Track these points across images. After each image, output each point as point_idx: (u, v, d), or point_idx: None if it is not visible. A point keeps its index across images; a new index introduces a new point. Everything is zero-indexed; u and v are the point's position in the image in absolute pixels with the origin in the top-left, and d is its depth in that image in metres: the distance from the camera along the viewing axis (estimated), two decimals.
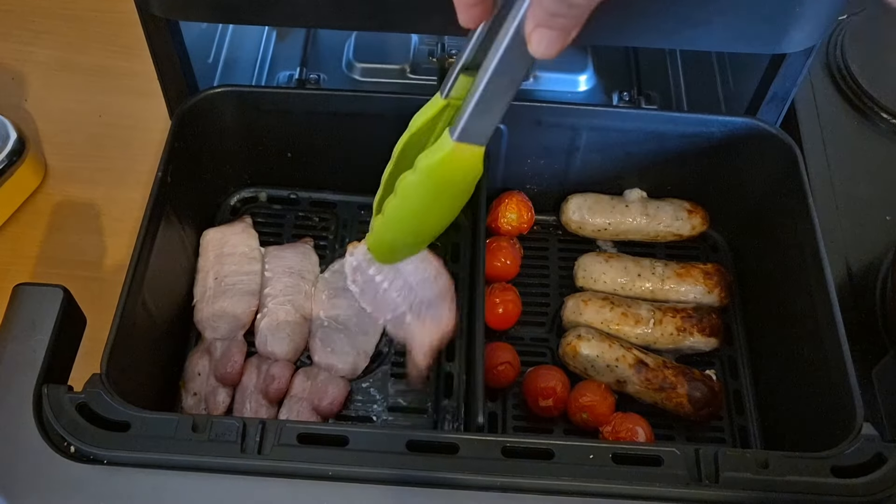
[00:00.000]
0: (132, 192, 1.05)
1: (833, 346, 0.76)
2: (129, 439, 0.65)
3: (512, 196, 1.01)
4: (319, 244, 1.02)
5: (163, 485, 0.64)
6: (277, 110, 0.95)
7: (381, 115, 0.95)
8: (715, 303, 0.95)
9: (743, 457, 0.66)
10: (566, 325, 0.94)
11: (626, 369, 0.88)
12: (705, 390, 0.88)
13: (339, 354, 0.91)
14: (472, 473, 0.65)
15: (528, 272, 1.00)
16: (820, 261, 0.81)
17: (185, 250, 0.95)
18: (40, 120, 1.13)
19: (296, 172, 1.03)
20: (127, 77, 1.18)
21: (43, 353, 0.69)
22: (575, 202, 1.01)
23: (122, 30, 1.23)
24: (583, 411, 0.87)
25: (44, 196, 1.06)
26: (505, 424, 0.90)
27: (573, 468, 0.65)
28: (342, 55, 1.15)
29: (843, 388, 0.73)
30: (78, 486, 0.64)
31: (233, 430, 0.65)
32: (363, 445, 0.66)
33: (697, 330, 0.92)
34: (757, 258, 0.97)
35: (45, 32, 1.23)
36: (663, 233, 1.00)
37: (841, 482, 0.65)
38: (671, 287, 0.95)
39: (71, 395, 0.67)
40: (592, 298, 0.94)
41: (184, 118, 0.91)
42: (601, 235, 1.02)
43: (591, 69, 1.15)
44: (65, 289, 0.72)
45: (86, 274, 0.99)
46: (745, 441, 0.89)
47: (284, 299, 0.94)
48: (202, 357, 0.91)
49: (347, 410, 0.90)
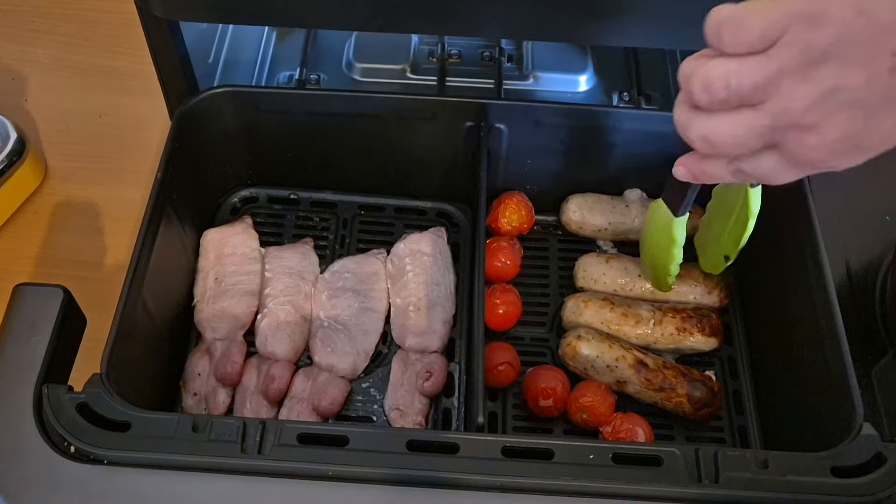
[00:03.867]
0: (132, 192, 1.05)
1: (833, 346, 0.76)
2: (129, 439, 0.65)
3: (512, 196, 1.01)
4: (319, 244, 1.02)
5: (163, 485, 0.64)
6: (277, 110, 0.96)
7: (381, 115, 0.95)
8: (715, 303, 0.95)
9: (743, 457, 0.66)
10: (566, 326, 0.94)
11: (626, 369, 0.88)
12: (705, 390, 0.88)
13: (339, 354, 0.91)
14: (472, 473, 0.65)
15: (528, 272, 1.00)
16: (820, 261, 0.81)
17: (185, 250, 0.95)
18: (40, 120, 1.13)
19: (296, 172, 1.03)
20: (127, 77, 1.18)
21: (43, 353, 0.69)
22: (575, 202, 1.01)
23: (122, 30, 1.23)
24: (583, 411, 0.87)
25: (44, 196, 1.06)
26: (505, 424, 0.90)
27: (573, 468, 0.65)
28: (342, 55, 1.15)
29: (843, 388, 0.73)
30: (78, 486, 0.64)
31: (233, 430, 0.65)
32: (363, 445, 0.66)
33: (698, 330, 0.92)
34: (757, 258, 0.97)
35: (45, 32, 1.23)
36: None
37: (841, 482, 0.65)
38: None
39: (71, 395, 0.67)
40: (592, 299, 0.94)
41: (184, 118, 0.91)
42: (601, 235, 1.02)
43: (591, 69, 1.15)
44: (65, 289, 0.72)
45: (86, 274, 0.98)
46: (744, 441, 0.89)
47: (284, 300, 0.94)
48: (202, 357, 0.91)
49: (347, 410, 0.90)
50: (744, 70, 0.52)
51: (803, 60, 0.50)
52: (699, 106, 0.56)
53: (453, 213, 1.05)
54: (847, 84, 0.50)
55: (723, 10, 0.53)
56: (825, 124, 0.52)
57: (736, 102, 0.54)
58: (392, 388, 0.90)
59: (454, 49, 1.16)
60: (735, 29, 0.52)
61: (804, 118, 0.52)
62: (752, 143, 0.55)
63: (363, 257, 0.99)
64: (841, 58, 0.49)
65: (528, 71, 1.15)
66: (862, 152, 0.54)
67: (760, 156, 0.56)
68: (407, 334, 0.93)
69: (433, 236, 1.00)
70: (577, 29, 0.79)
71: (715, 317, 0.93)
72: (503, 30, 0.81)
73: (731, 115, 0.54)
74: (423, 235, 1.00)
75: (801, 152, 0.54)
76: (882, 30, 0.47)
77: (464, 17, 0.78)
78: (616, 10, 0.76)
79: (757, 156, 0.56)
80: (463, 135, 0.95)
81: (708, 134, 0.56)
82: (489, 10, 0.77)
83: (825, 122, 0.51)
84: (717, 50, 0.54)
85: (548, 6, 0.76)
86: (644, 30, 0.77)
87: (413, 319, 0.93)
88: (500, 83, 1.11)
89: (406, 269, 0.97)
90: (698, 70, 0.54)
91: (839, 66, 0.49)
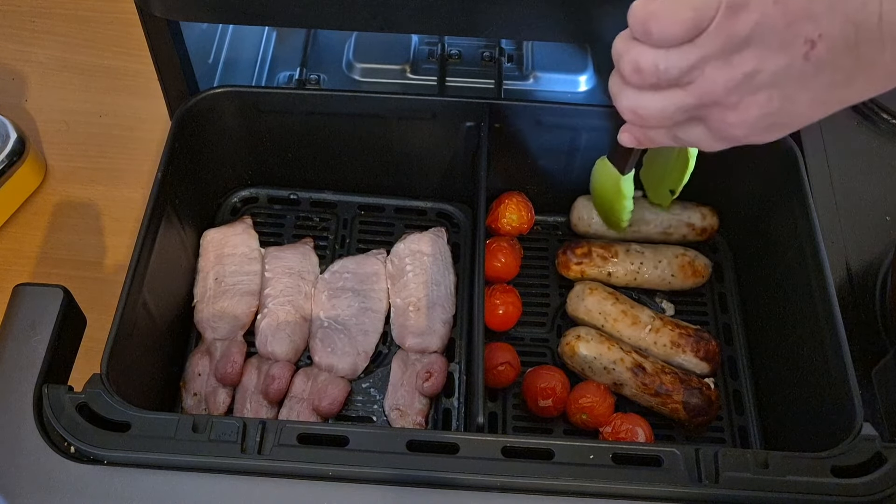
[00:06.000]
0: (132, 192, 1.05)
1: (833, 346, 0.76)
2: (129, 439, 0.65)
3: (512, 196, 1.01)
4: (319, 244, 1.02)
5: (163, 485, 0.64)
6: (277, 110, 0.96)
7: (381, 115, 0.95)
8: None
9: (743, 457, 0.66)
10: (568, 311, 0.95)
11: (623, 372, 0.88)
12: (702, 399, 0.87)
13: (339, 354, 0.91)
14: (472, 473, 0.65)
15: (528, 272, 1.00)
16: (820, 261, 0.81)
17: (185, 250, 0.95)
18: (40, 120, 1.13)
19: (296, 172, 1.03)
20: (127, 77, 1.18)
21: (43, 353, 0.69)
22: (583, 203, 1.01)
23: (122, 30, 1.23)
24: (582, 412, 0.87)
25: (44, 196, 1.06)
26: (505, 424, 0.90)
27: (573, 468, 0.65)
28: (342, 55, 1.15)
29: (843, 388, 0.73)
30: (78, 486, 0.64)
31: (233, 431, 0.65)
32: (363, 445, 0.66)
33: (692, 350, 0.91)
34: (757, 258, 0.97)
35: (45, 32, 1.23)
36: (676, 223, 0.99)
37: (841, 482, 0.65)
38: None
39: (71, 395, 0.67)
40: (599, 288, 0.94)
41: (184, 118, 0.91)
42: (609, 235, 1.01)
43: (591, 69, 1.15)
44: (65, 289, 0.72)
45: (86, 274, 0.99)
46: (744, 441, 0.89)
47: (284, 300, 0.94)
48: (202, 357, 0.91)
49: (347, 410, 0.90)
50: (671, 57, 0.55)
51: (727, 47, 0.53)
52: (630, 83, 0.59)
53: (453, 213, 1.05)
54: (766, 67, 0.53)
55: (652, 5, 0.55)
56: (745, 104, 0.55)
57: (665, 85, 0.57)
58: (392, 389, 0.90)
59: (454, 49, 1.16)
60: (664, 25, 0.54)
61: (726, 98, 0.55)
62: (677, 118, 0.59)
63: (363, 257, 0.99)
64: (761, 44, 0.52)
65: (528, 71, 1.15)
66: (780, 129, 0.57)
67: (689, 126, 0.60)
68: (407, 334, 0.93)
69: (433, 236, 1.00)
70: (577, 29, 0.79)
71: (714, 343, 0.92)
72: (503, 30, 0.81)
73: (659, 94, 0.58)
74: (423, 235, 1.00)
75: (724, 128, 0.58)
76: (796, 17, 0.50)
77: (464, 17, 0.78)
78: (616, 11, 0.76)
79: (686, 125, 0.60)
80: (463, 135, 0.95)
81: (636, 108, 0.60)
82: (489, 10, 0.77)
83: (745, 102, 0.55)
84: (645, 41, 0.56)
85: (548, 6, 0.76)
86: None
87: (413, 319, 0.93)
88: (500, 83, 1.12)
89: (406, 269, 0.97)
90: (630, 52, 0.57)
91: (759, 51, 0.52)
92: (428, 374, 0.88)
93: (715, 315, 0.98)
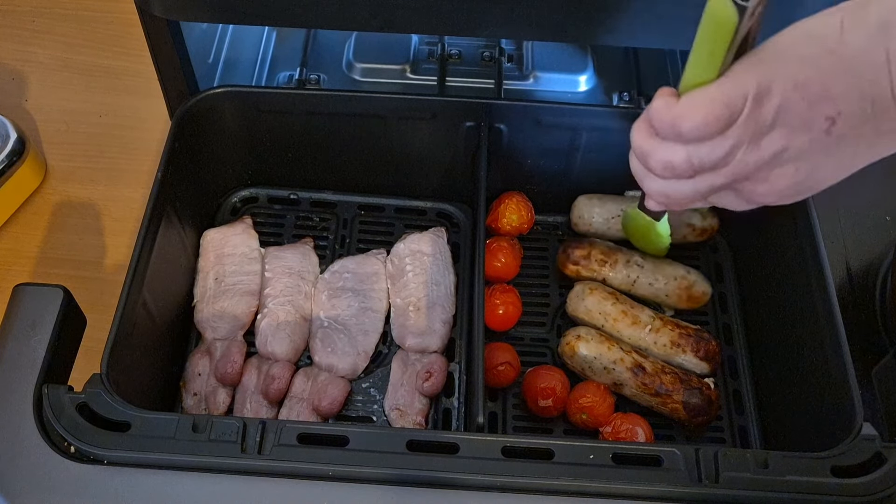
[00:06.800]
0: (132, 192, 1.05)
1: (833, 346, 0.76)
2: (129, 439, 0.65)
3: (512, 196, 1.01)
4: (319, 244, 1.02)
5: (163, 485, 0.64)
6: (277, 110, 0.96)
7: (381, 115, 0.95)
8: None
9: (743, 457, 0.66)
10: (568, 311, 0.95)
11: (623, 372, 0.88)
12: (701, 399, 0.87)
13: (339, 354, 0.91)
14: (472, 473, 0.65)
15: (528, 272, 1.00)
16: (820, 261, 0.81)
17: (185, 250, 0.95)
18: (40, 120, 1.13)
19: (296, 172, 1.03)
20: (127, 77, 1.18)
21: (43, 353, 0.69)
22: (583, 202, 1.01)
23: (122, 30, 1.23)
24: (582, 412, 0.87)
25: (44, 196, 1.06)
26: (505, 424, 0.90)
27: (573, 468, 0.65)
28: (342, 55, 1.15)
29: (843, 388, 0.73)
30: (78, 486, 0.64)
31: (233, 430, 0.65)
32: (363, 445, 0.66)
33: (692, 350, 0.91)
34: (757, 258, 0.97)
35: (45, 32, 1.23)
36: (676, 224, 0.99)
37: (841, 482, 0.65)
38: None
39: (71, 395, 0.67)
40: (599, 288, 0.94)
41: (184, 118, 0.91)
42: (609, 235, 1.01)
43: (591, 69, 1.15)
44: (65, 289, 0.72)
45: (86, 274, 0.99)
46: (744, 441, 0.89)
47: (284, 300, 0.94)
48: (202, 357, 0.91)
49: (347, 410, 0.90)
50: (703, 150, 0.58)
51: (756, 132, 0.56)
52: (661, 178, 0.62)
53: (453, 213, 1.05)
54: (792, 145, 0.57)
55: (677, 108, 0.57)
56: (774, 176, 0.59)
57: (696, 174, 0.60)
58: (392, 388, 0.90)
59: (454, 49, 1.16)
60: (697, 124, 0.56)
61: (756, 175, 0.59)
62: (709, 195, 0.63)
63: (363, 257, 0.99)
64: (785, 125, 0.56)
65: (528, 71, 1.15)
66: (807, 192, 0.61)
67: (720, 194, 0.63)
68: (407, 334, 0.93)
69: (433, 236, 1.00)
70: (577, 29, 0.79)
71: (714, 343, 0.92)
72: (503, 30, 0.81)
73: (690, 179, 0.61)
74: (423, 235, 1.00)
75: (754, 197, 0.62)
76: (816, 99, 0.54)
77: (464, 17, 0.78)
78: (616, 10, 0.76)
79: (717, 194, 0.63)
80: (463, 135, 0.95)
81: (667, 192, 0.63)
82: (489, 10, 0.77)
83: (774, 175, 0.59)
84: (673, 140, 0.59)
85: (548, 6, 0.76)
86: (644, 30, 0.77)
87: (413, 319, 0.93)
88: (500, 83, 1.11)
89: (406, 269, 0.97)
90: (658, 152, 0.60)
91: (784, 131, 0.56)
92: (428, 374, 0.88)
93: (715, 315, 0.98)
